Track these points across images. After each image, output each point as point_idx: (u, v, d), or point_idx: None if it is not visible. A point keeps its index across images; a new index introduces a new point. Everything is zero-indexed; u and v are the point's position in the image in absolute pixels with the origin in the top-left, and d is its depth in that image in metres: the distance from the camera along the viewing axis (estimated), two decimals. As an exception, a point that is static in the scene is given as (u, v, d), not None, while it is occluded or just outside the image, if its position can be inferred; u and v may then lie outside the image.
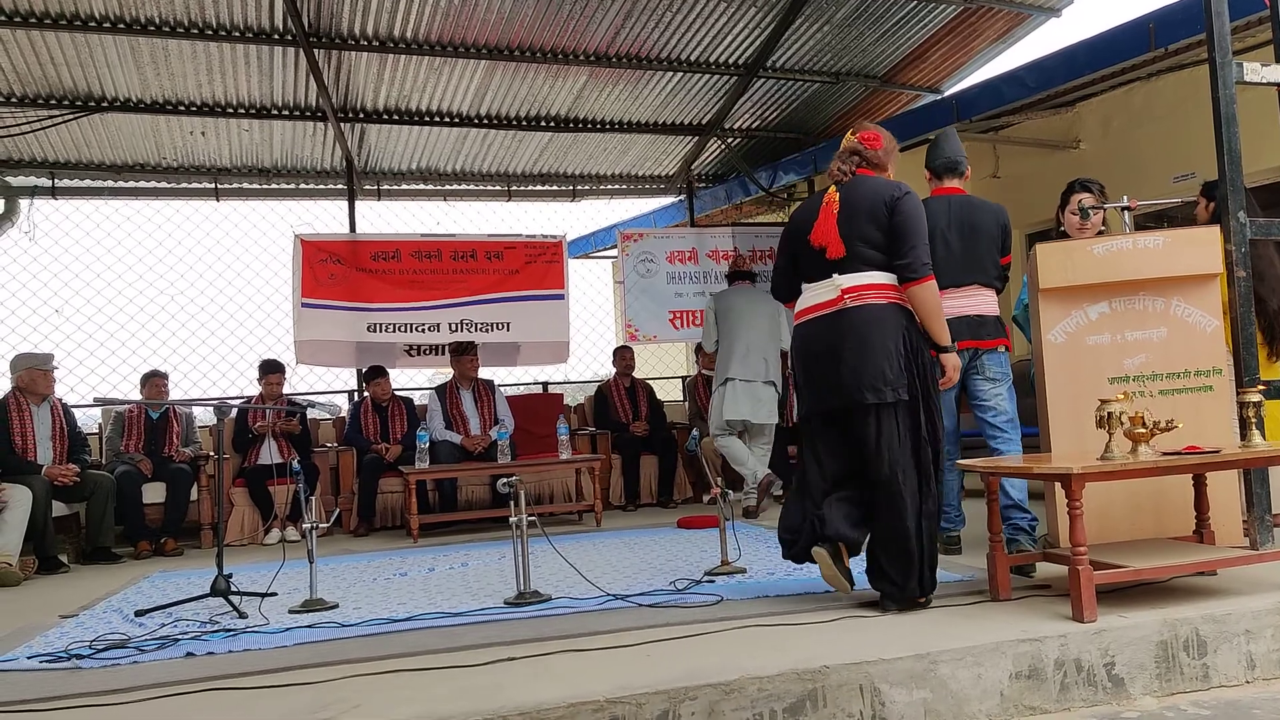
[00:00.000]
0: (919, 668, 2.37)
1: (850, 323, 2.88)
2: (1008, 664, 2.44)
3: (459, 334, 7.08)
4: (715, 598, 3.18)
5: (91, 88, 6.46)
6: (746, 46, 6.99)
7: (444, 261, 7.28)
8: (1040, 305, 3.37)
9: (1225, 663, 2.60)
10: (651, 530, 5.39)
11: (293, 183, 7.97)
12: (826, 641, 2.54)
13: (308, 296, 6.90)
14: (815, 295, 2.98)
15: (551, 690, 2.23)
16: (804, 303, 3.05)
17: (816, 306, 2.97)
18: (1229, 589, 2.88)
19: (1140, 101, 6.78)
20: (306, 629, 3.11)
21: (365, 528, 6.05)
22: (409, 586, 3.90)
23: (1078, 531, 2.64)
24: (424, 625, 3.06)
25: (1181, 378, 3.29)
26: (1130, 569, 2.73)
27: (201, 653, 2.84)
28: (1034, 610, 2.77)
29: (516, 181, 8.54)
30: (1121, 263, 3.28)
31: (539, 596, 3.33)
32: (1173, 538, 3.15)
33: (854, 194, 2.96)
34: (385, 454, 6.14)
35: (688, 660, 2.43)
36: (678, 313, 7.91)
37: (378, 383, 6.45)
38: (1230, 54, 3.46)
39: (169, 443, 5.93)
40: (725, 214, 9.25)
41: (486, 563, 4.43)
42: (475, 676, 2.41)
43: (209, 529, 5.81)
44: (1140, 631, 2.55)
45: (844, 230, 2.91)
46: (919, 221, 2.91)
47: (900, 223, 2.88)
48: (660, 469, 6.79)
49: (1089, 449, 2.99)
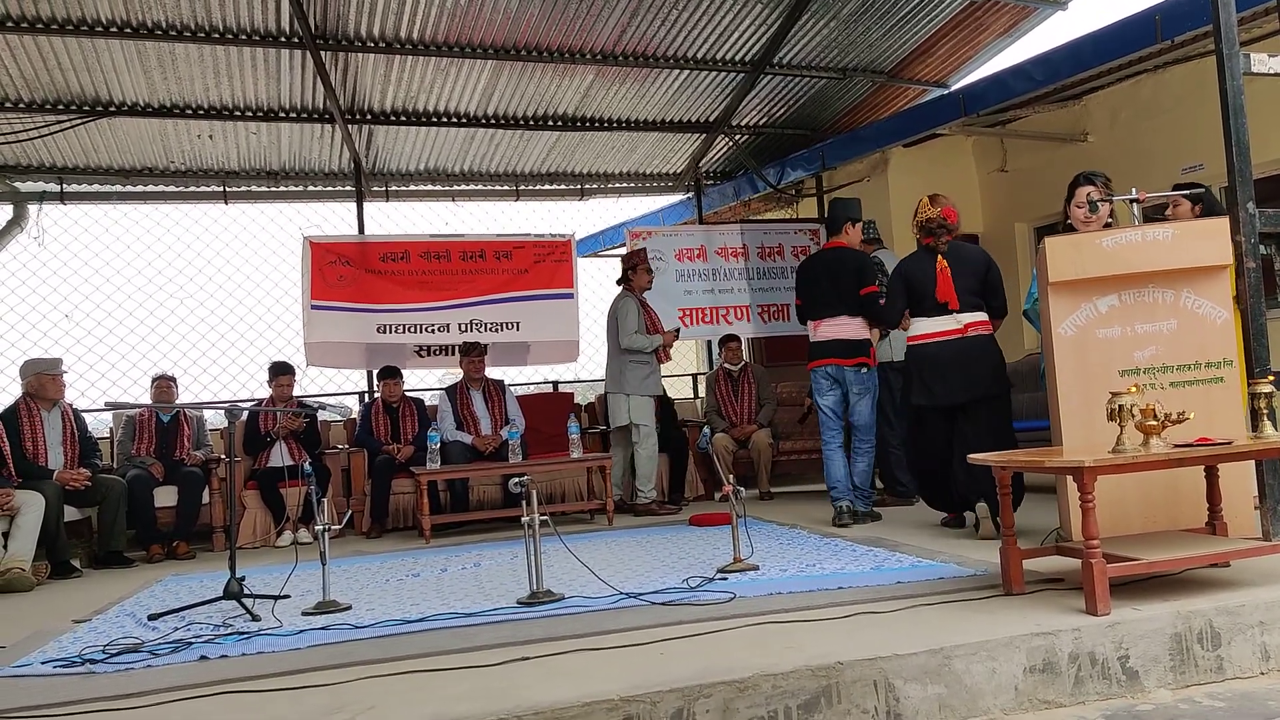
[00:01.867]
0: (933, 663, 2.37)
1: (971, 343, 4.27)
2: (1021, 658, 2.44)
3: (469, 334, 7.10)
4: (728, 595, 3.18)
5: (99, 92, 6.50)
6: (753, 43, 6.98)
7: (453, 262, 7.30)
8: (1050, 299, 3.37)
9: (1239, 654, 2.59)
10: (663, 528, 5.39)
11: (301, 185, 8.01)
12: (840, 638, 2.54)
13: (317, 298, 6.92)
14: (938, 325, 4.33)
15: (566, 690, 2.24)
16: (927, 329, 4.36)
17: (943, 333, 4.31)
18: (1242, 580, 2.87)
19: (1147, 93, 6.75)
20: (320, 631, 3.12)
21: (377, 529, 6.07)
22: (422, 587, 3.91)
23: (1090, 525, 2.63)
24: (437, 626, 3.06)
25: (1192, 369, 3.28)
26: (1143, 562, 2.72)
27: (215, 655, 2.85)
28: (1047, 604, 2.77)
29: (524, 181, 8.55)
30: (1130, 255, 3.27)
31: (552, 596, 3.34)
32: (1185, 530, 3.14)
33: (958, 260, 4.35)
34: (397, 455, 6.16)
35: (701, 658, 2.43)
36: (688, 310, 7.91)
37: (390, 383, 6.47)
38: (1237, 45, 3.44)
39: (180, 446, 5.97)
40: (734, 211, 9.25)
41: (499, 562, 4.44)
42: (489, 677, 2.42)
43: (221, 532, 5.84)
44: (1154, 624, 2.55)
45: (958, 286, 4.29)
46: (1000, 278, 4.43)
47: (993, 280, 4.40)
48: (671, 467, 6.80)
49: (1100, 442, 2.98)
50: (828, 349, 4.95)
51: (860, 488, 5.00)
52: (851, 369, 4.92)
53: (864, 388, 4.94)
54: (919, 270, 4.39)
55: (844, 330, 4.94)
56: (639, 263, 6.37)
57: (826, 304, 4.97)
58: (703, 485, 6.91)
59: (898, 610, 2.82)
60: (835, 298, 4.94)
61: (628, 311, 6.13)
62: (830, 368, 4.95)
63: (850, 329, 4.94)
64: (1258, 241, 3.43)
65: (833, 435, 4.99)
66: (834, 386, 4.98)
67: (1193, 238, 3.28)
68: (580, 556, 3.83)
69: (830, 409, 4.99)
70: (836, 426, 5.00)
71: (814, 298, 5.01)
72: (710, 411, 7.08)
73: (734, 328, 7.86)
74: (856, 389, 4.93)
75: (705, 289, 8.01)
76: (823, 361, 4.97)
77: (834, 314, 4.95)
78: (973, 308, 4.30)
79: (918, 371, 4.37)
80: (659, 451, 6.76)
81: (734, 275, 8.08)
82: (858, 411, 4.98)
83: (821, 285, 4.98)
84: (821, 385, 5.00)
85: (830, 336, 4.96)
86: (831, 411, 4.99)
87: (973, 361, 4.23)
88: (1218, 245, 3.28)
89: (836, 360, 4.93)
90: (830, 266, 5.00)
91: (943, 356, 4.26)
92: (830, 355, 4.94)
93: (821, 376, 4.99)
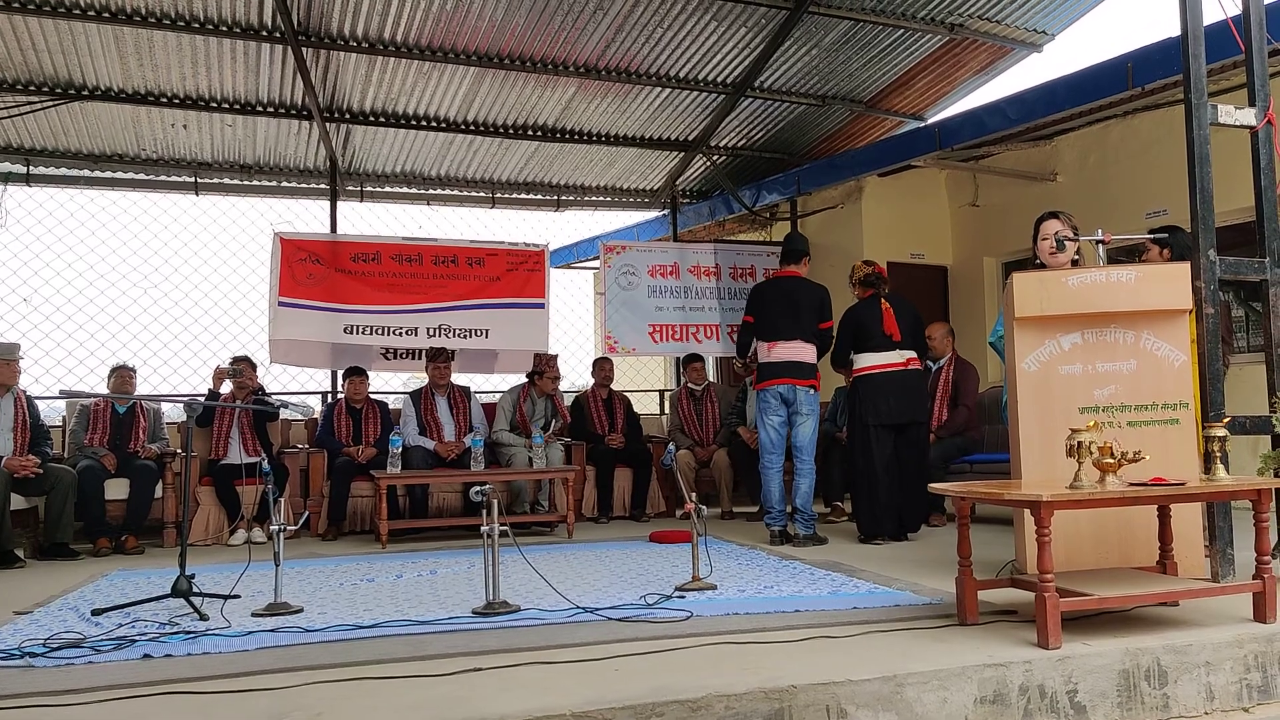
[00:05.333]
0: (885, 690, 2.38)
1: (913, 375, 5.16)
2: (973, 688, 2.45)
3: (436, 339, 7.05)
4: (685, 613, 3.17)
5: (73, 75, 6.38)
6: (735, 65, 7.05)
7: (424, 265, 7.25)
8: (1015, 333, 3.42)
9: (1185, 693, 2.63)
10: (623, 543, 5.37)
11: (274, 180, 7.91)
12: (795, 661, 2.54)
13: (285, 295, 6.83)
14: (886, 358, 5.10)
15: (518, 702, 2.21)
16: (874, 361, 5.10)
17: (890, 365, 5.09)
18: (1190, 620, 2.92)
19: (1116, 138, 6.91)
20: (269, 633, 3.06)
21: (334, 531, 5.98)
22: (376, 593, 3.85)
23: (1045, 559, 2.66)
24: (390, 633, 3.02)
25: (1149, 410, 3.34)
26: (1095, 598, 2.76)
27: (159, 655, 2.78)
28: (1000, 635, 2.79)
29: (501, 189, 8.54)
30: (1094, 295, 3.33)
31: (508, 607, 3.31)
32: (1137, 567, 3.19)
33: (897, 305, 5.20)
34: (358, 456, 6.08)
35: (656, 676, 2.42)
36: (658, 326, 7.93)
37: (356, 380, 6.38)
38: (1205, 95, 3.54)
39: (135, 438, 5.83)
40: (708, 230, 9.30)
41: (455, 571, 4.39)
42: (441, 686, 2.39)
43: (172, 528, 5.71)
44: (1103, 660, 2.58)
45: (900, 326, 5.11)
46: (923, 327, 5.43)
47: (920, 324, 5.32)
48: (634, 482, 6.79)
49: (1058, 476, 3.03)
50: (782, 369, 5.11)
51: (803, 510, 5.09)
52: (804, 389, 5.11)
53: (811, 409, 5.12)
54: (867, 313, 5.18)
55: (799, 354, 5.13)
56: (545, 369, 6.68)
57: (784, 328, 5.13)
58: (665, 502, 6.90)
59: (853, 635, 2.82)
60: (794, 323, 5.13)
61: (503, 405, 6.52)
62: (783, 388, 5.10)
63: (805, 353, 5.15)
64: (1217, 288, 3.52)
65: (774, 459, 5.15)
66: (781, 407, 5.13)
67: (1155, 281, 3.35)
68: (538, 569, 3.80)
69: (776, 429, 5.14)
70: (780, 449, 5.17)
71: (771, 320, 5.18)
72: (674, 429, 7.09)
73: (702, 346, 7.90)
74: (805, 409, 5.10)
75: (676, 305, 8.04)
76: (776, 381, 5.11)
77: (790, 338, 5.12)
78: (909, 346, 5.13)
79: (870, 396, 5.04)
80: (624, 466, 6.76)
81: (705, 294, 8.12)
82: (800, 433, 5.12)
83: (780, 309, 5.17)
84: (770, 404, 5.14)
85: (785, 358, 5.12)
86: (777, 433, 5.15)
87: (912, 390, 5.13)
88: (1178, 289, 3.35)
89: (790, 380, 5.09)
90: (791, 294, 5.20)
91: (889, 385, 5.05)
92: (785, 375, 5.10)
93: (772, 395, 5.13)
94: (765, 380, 5.16)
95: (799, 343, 5.13)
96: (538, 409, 6.62)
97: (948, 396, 5.97)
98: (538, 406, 6.64)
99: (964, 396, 5.95)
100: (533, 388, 6.67)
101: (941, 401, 5.95)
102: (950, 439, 5.84)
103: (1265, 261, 3.64)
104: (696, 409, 7.03)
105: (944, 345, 6.08)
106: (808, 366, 5.15)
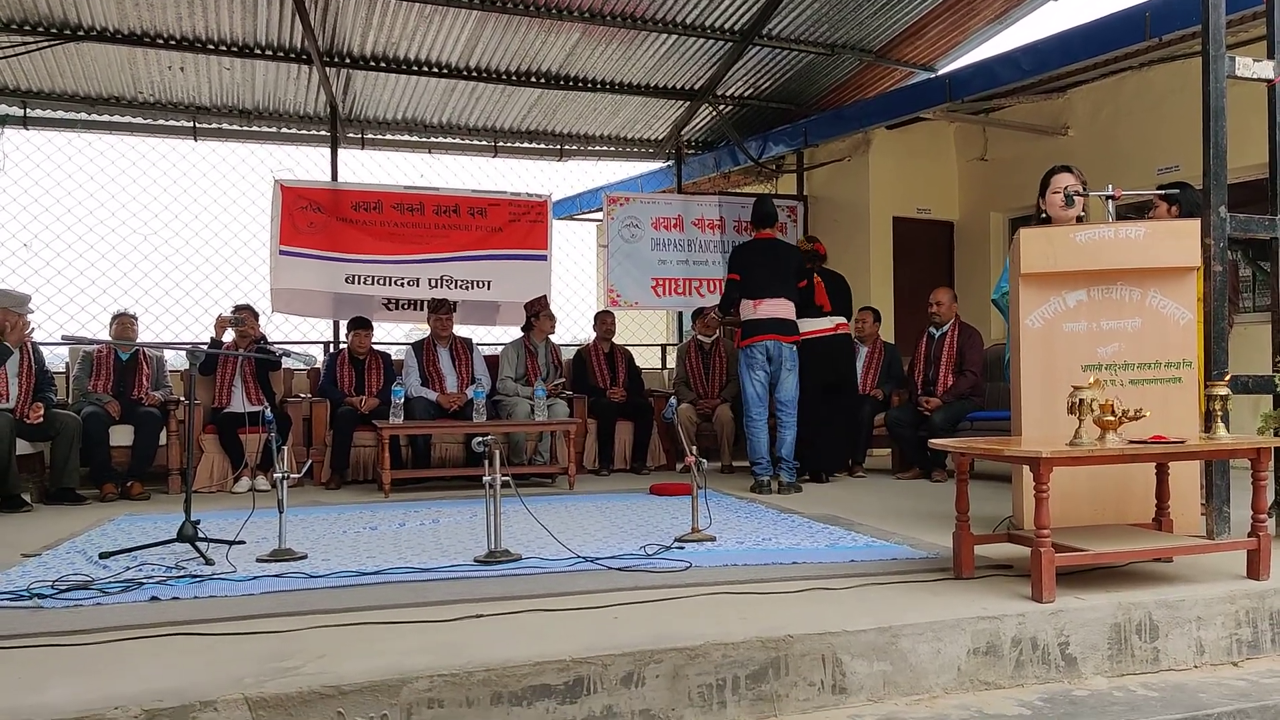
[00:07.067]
0: (880, 640, 2.42)
1: (841, 340, 5.83)
2: (966, 640, 2.49)
3: (438, 290, 7.03)
4: (684, 564, 3.21)
5: (68, 14, 6.27)
6: (743, 11, 6.91)
7: (426, 215, 7.21)
8: (1020, 289, 3.40)
9: (1175, 647, 2.68)
10: (623, 495, 5.42)
11: (274, 126, 7.83)
12: (792, 611, 2.58)
13: (286, 244, 6.81)
14: (817, 324, 5.69)
15: (519, 648, 2.25)
16: (809, 327, 5.62)
17: (820, 330, 5.70)
18: (1184, 576, 2.96)
19: (1130, 91, 6.80)
20: (274, 578, 3.10)
21: (337, 480, 6.03)
22: (379, 540, 3.90)
23: (1043, 514, 2.69)
24: (393, 579, 3.06)
25: (1152, 368, 3.34)
26: (1090, 553, 2.79)
27: (166, 597, 2.83)
28: (995, 589, 2.83)
29: (503, 137, 8.44)
30: (1102, 251, 3.31)
31: (509, 556, 3.35)
32: (1132, 524, 3.22)
33: (828, 278, 5.84)
34: (360, 406, 6.11)
35: (654, 624, 2.46)
36: (661, 280, 7.90)
37: (360, 334, 6.39)
38: (1224, 47, 3.47)
39: (138, 385, 5.86)
40: (713, 182, 9.21)
41: (458, 520, 4.44)
42: (443, 632, 2.43)
43: (177, 474, 5.76)
44: (1095, 614, 2.62)
45: (832, 300, 5.77)
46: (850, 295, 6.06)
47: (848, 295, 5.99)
48: (635, 435, 6.82)
49: (1059, 434, 3.04)
50: (768, 326, 5.36)
51: (785, 460, 5.38)
52: (788, 346, 5.40)
53: (794, 364, 5.42)
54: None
55: (783, 310, 5.42)
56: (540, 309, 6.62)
57: (768, 285, 5.40)
58: (665, 455, 6.94)
59: (849, 588, 2.86)
60: (778, 282, 5.43)
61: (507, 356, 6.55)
62: (770, 343, 5.36)
63: (788, 310, 5.44)
64: (1226, 246, 3.49)
65: (760, 412, 5.40)
66: (766, 362, 5.38)
67: (1163, 238, 3.33)
68: (539, 519, 3.84)
69: (762, 383, 5.38)
70: (765, 403, 5.42)
71: (756, 279, 5.44)
72: (678, 382, 7.10)
73: (706, 300, 7.87)
74: (789, 364, 5.39)
75: (680, 259, 8.00)
76: (763, 337, 5.36)
77: (775, 295, 5.40)
78: (837, 314, 5.77)
79: (805, 360, 5.51)
80: (625, 419, 6.80)
81: (709, 247, 8.07)
82: (784, 388, 5.39)
83: (765, 268, 5.45)
84: (757, 359, 5.37)
85: (771, 315, 5.38)
86: (762, 386, 5.39)
87: (838, 354, 5.78)
88: (1187, 247, 3.32)
89: (776, 336, 5.37)
90: (774, 254, 5.52)
91: (818, 348, 5.64)
92: (770, 331, 5.36)
93: (759, 351, 5.36)
94: (751, 336, 5.37)
95: (783, 300, 5.40)
96: (540, 357, 6.63)
97: (953, 362, 5.97)
98: (539, 354, 6.64)
99: (969, 364, 5.95)
100: (531, 334, 6.66)
101: (947, 367, 5.97)
102: (956, 403, 5.85)
103: (1276, 219, 3.60)
104: (705, 362, 7.04)
105: (949, 311, 6.07)
106: (790, 323, 5.43)
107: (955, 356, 5.98)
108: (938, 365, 5.98)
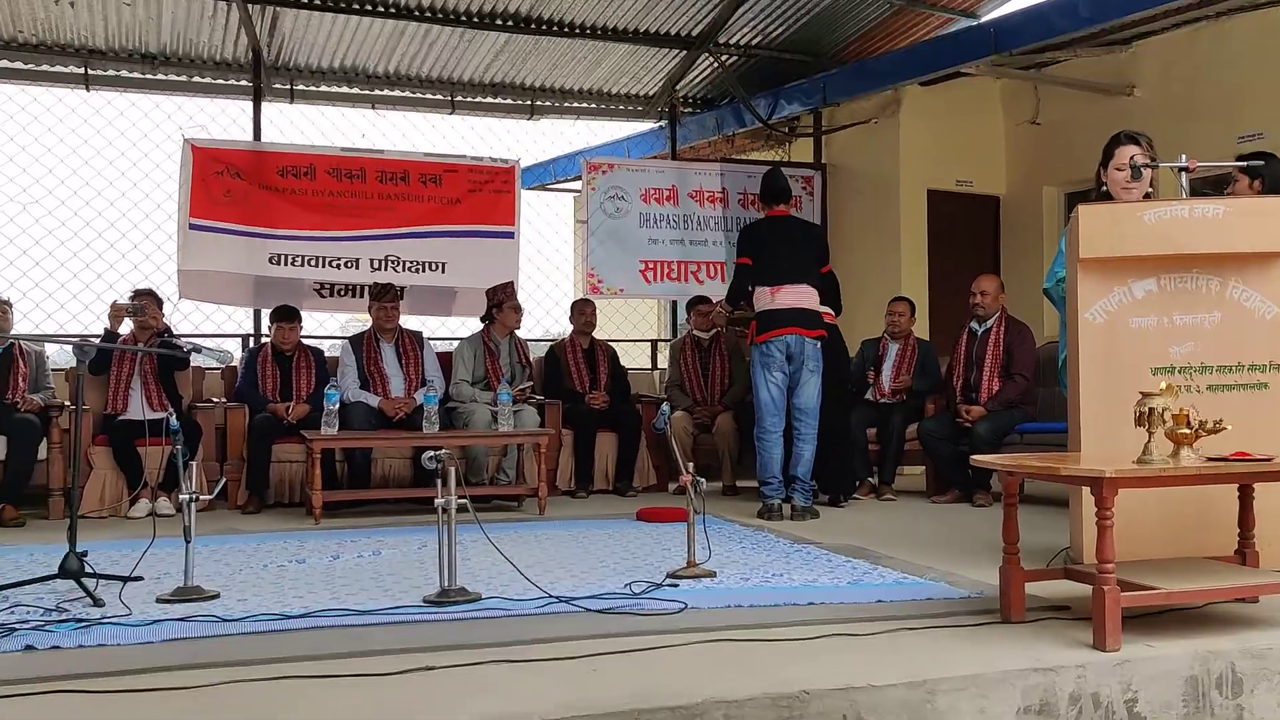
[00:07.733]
0: (914, 698, 2.42)
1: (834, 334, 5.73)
2: (1016, 697, 2.50)
3: (382, 273, 7.01)
4: (678, 605, 3.21)
5: (-68, -61, 6.20)
6: (749, -57, 6.92)
7: (369, 184, 7.18)
8: (1079, 278, 3.42)
9: (1263, 705, 2.69)
10: (605, 521, 5.42)
11: (184, 74, 7.78)
12: (807, 662, 2.58)
13: (197, 216, 6.76)
14: None
15: (478, 708, 2.24)
16: None
17: None
18: (1272, 620, 2.98)
19: (1206, 46, 6.85)
20: (178, 622, 3.08)
21: (256, 503, 6.00)
22: (308, 576, 3.89)
23: (1106, 546, 2.70)
24: (325, 624, 3.05)
25: (1234, 372, 3.36)
26: (1162, 592, 2.80)
27: (45, 646, 2.81)
28: (1049, 634, 2.84)
29: (462, 91, 8.42)
30: (1175, 232, 3.32)
31: (466, 595, 3.34)
32: (1210, 557, 3.24)
33: None
34: (286, 414, 6.08)
35: (642, 678, 2.45)
36: (651, 263, 7.90)
37: (284, 326, 6.34)
38: (1322, -8, 3.50)
39: (13, 386, 5.79)
40: (714, 147, 9.23)
41: (404, 552, 4.43)
42: (386, 688, 2.41)
43: (60, 496, 5.71)
44: (1168, 664, 2.63)
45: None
46: None
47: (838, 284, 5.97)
48: (620, 449, 6.82)
49: (1124, 450, 3.05)
50: (788, 317, 5.31)
51: (801, 480, 5.35)
52: (811, 341, 5.35)
53: (817, 364, 5.38)
54: None
55: (806, 299, 5.37)
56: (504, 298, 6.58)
57: (788, 271, 5.36)
58: (656, 473, 6.95)
59: (876, 634, 2.86)
60: (797, 266, 5.38)
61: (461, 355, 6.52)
62: (790, 338, 5.29)
63: (812, 299, 5.40)
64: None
65: (775, 422, 5.38)
66: (784, 362, 5.33)
67: (1246, 217, 3.35)
68: (503, 550, 3.82)
69: (779, 386, 5.35)
70: (781, 410, 5.39)
71: (772, 263, 5.39)
72: (672, 386, 7.11)
73: (704, 287, 7.88)
74: (812, 365, 5.35)
75: (674, 238, 8.01)
76: (783, 330, 5.29)
77: (795, 281, 5.35)
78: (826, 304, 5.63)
79: None
80: (607, 430, 6.79)
81: (709, 225, 8.08)
82: (804, 393, 5.37)
83: (782, 250, 5.40)
84: (775, 358, 5.33)
85: (791, 305, 5.32)
86: (779, 390, 5.36)
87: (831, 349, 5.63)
88: (1273, 228, 3.35)
89: (798, 330, 5.30)
90: (792, 234, 5.49)
91: None
92: (792, 324, 5.30)
93: (777, 347, 5.31)
94: (768, 330, 5.32)
95: (805, 287, 5.37)
96: (502, 355, 6.60)
97: (999, 364, 6.00)
98: (501, 352, 6.60)
99: (1018, 365, 5.98)
100: (491, 328, 6.63)
101: (991, 370, 6.00)
102: (1003, 412, 5.87)
103: (1382, 196, 3.63)
104: (703, 362, 7.04)
105: (994, 302, 6.09)
106: (814, 315, 5.38)
107: (1001, 357, 6.01)
108: (981, 367, 6.01)
